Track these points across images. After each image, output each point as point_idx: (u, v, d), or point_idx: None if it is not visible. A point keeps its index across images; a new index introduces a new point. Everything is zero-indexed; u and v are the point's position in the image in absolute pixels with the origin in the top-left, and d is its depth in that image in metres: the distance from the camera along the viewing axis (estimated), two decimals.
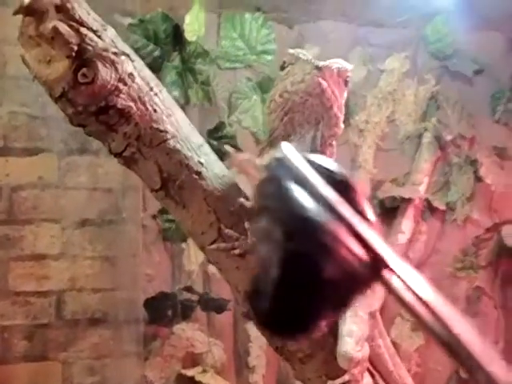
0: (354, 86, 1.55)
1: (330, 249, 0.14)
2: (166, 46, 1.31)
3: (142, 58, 1.31)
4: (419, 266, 1.59)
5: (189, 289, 1.38)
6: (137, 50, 1.29)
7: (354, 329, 0.61)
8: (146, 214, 1.41)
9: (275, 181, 0.17)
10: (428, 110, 1.60)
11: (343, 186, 0.17)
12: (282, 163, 0.17)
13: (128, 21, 1.30)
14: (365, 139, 1.57)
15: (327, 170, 0.18)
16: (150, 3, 1.34)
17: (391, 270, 0.16)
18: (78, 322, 1.38)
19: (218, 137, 1.37)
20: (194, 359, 1.42)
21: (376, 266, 0.14)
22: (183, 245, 1.42)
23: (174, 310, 1.39)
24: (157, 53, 1.31)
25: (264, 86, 1.44)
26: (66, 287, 1.38)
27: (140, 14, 1.33)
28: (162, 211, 1.37)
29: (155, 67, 1.32)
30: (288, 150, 0.18)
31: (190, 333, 1.41)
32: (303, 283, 0.15)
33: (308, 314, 0.15)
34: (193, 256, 1.40)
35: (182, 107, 1.41)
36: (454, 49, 1.60)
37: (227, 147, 1.29)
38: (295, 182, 0.17)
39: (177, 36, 1.31)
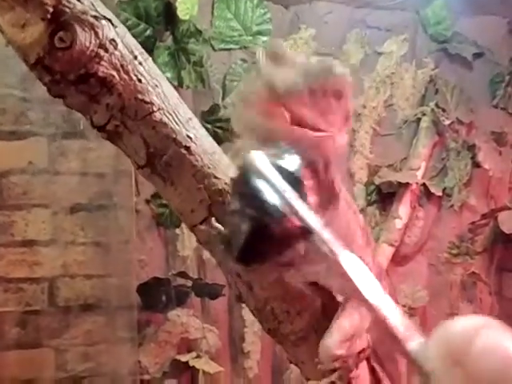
0: (350, 70, 1.52)
1: (279, 218, 0.23)
2: (158, 25, 1.27)
3: (133, 38, 1.29)
4: (416, 251, 1.59)
5: (182, 274, 1.36)
6: (128, 29, 1.24)
7: (346, 325, 0.59)
8: (139, 198, 1.39)
9: (245, 177, 0.25)
10: (426, 95, 1.57)
11: (296, 181, 0.25)
12: (251, 166, 0.25)
13: None
14: (362, 124, 1.54)
15: (286, 170, 0.26)
16: None
17: (316, 234, 0.23)
18: (71, 308, 1.36)
19: (212, 120, 1.34)
20: (188, 345, 1.41)
21: (304, 230, 0.22)
22: (177, 230, 1.40)
23: (168, 296, 1.37)
24: (148, 32, 1.27)
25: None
26: (59, 273, 1.36)
27: None
28: (156, 196, 1.35)
29: (147, 47, 1.26)
30: (256, 156, 0.26)
31: (184, 319, 1.40)
32: (261, 236, 0.24)
33: (264, 253, 0.25)
34: (187, 241, 1.38)
35: (175, 89, 1.39)
36: (454, 32, 1.57)
37: None
38: (259, 178, 0.25)
39: (169, 15, 1.27)
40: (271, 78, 0.51)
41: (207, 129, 1.34)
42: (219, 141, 1.37)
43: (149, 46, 1.28)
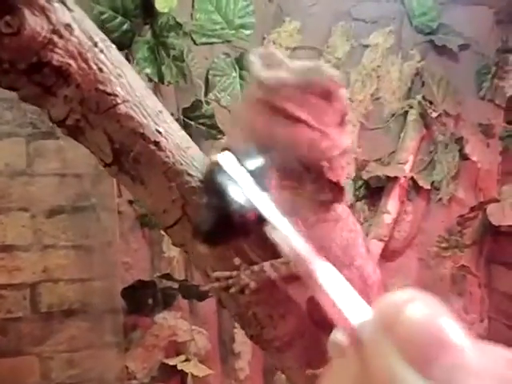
0: (336, 63, 1.49)
1: (238, 209, 0.28)
2: (136, 18, 1.22)
3: (110, 32, 1.24)
4: (405, 246, 1.58)
5: (168, 276, 1.32)
6: (103, 23, 1.20)
7: None
8: (121, 199, 1.34)
9: (213, 173, 0.30)
10: (413, 87, 1.55)
11: (261, 179, 0.29)
12: (219, 163, 0.29)
13: None
14: (348, 118, 1.52)
15: (253, 169, 0.30)
16: None
17: (270, 223, 0.26)
18: (54, 314, 1.32)
19: (194, 116, 1.30)
20: (177, 348, 1.38)
21: (260, 219, 0.26)
22: (162, 231, 1.36)
23: (155, 299, 1.34)
24: (126, 26, 1.22)
25: (243, 62, 1.37)
26: (40, 279, 1.32)
27: None
28: None
29: (125, 42, 1.23)
30: (226, 157, 0.30)
31: (171, 321, 1.37)
32: (224, 225, 0.30)
33: (226, 236, 0.31)
34: (170, 240, 1.35)
35: (156, 85, 1.36)
36: (440, 23, 1.55)
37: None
38: (225, 175, 0.29)
39: (147, 7, 1.22)
40: (260, 75, 0.51)
41: (190, 125, 1.32)
42: (202, 137, 1.35)
43: (127, 41, 1.23)
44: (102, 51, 0.50)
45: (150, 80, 1.26)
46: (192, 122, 1.29)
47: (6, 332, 1.29)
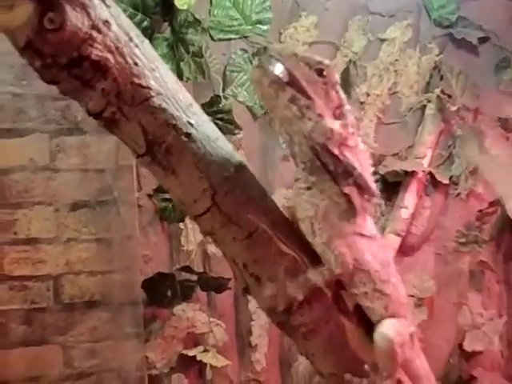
0: (353, 57, 1.49)
1: None
2: (155, 15, 1.24)
3: None
4: (423, 241, 1.57)
5: (187, 268, 1.35)
6: None
7: (399, 327, 0.61)
8: (141, 193, 1.37)
9: None
10: (431, 81, 1.54)
11: None
12: None
13: None
14: (365, 112, 1.51)
15: None
16: None
17: None
18: (76, 305, 1.36)
19: (212, 111, 1.32)
20: (195, 340, 1.41)
21: None
22: (181, 225, 1.39)
23: (174, 291, 1.36)
24: (146, 23, 1.24)
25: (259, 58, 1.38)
26: (63, 271, 1.35)
27: None
28: (158, 190, 1.33)
29: None
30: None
31: (190, 313, 1.39)
32: None
33: None
34: (191, 236, 1.37)
35: None
36: (459, 16, 1.53)
37: None
38: None
39: (166, 5, 1.24)
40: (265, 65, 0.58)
41: None
42: (222, 133, 1.36)
43: (146, 38, 1.25)
44: (137, 46, 0.52)
45: None
46: (210, 117, 1.30)
47: (30, 322, 1.34)
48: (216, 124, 1.32)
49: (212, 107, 1.33)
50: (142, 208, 1.38)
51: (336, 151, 0.58)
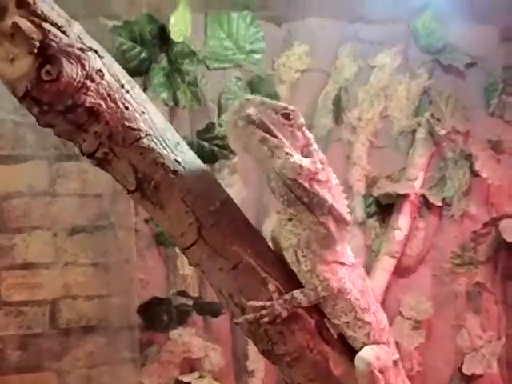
0: (345, 83, 1.54)
1: None
2: (153, 47, 1.29)
3: (129, 61, 1.32)
4: (418, 262, 1.58)
5: (183, 293, 1.35)
6: (123, 53, 1.28)
7: (379, 352, 0.63)
8: (138, 218, 1.39)
9: None
10: (421, 105, 1.58)
11: None
12: None
13: (113, 23, 1.29)
14: (358, 136, 1.55)
15: None
16: (135, 5, 1.33)
17: None
18: (73, 330, 1.35)
19: (208, 138, 1.36)
20: (191, 364, 1.40)
21: None
22: (177, 249, 1.40)
23: (170, 315, 1.37)
24: (143, 55, 1.29)
25: (254, 85, 1.42)
26: (60, 295, 1.36)
27: (125, 16, 1.31)
28: None
29: (142, 69, 1.30)
30: None
31: (186, 338, 1.39)
32: None
33: None
34: (187, 260, 1.38)
35: (171, 109, 1.42)
36: (446, 42, 1.58)
37: None
38: None
39: (163, 37, 1.30)
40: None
41: (203, 146, 1.37)
42: (215, 158, 1.40)
43: (144, 68, 1.30)
44: (127, 91, 0.56)
45: (166, 104, 1.33)
46: (206, 144, 1.34)
47: (26, 348, 1.33)
48: (211, 150, 1.37)
49: (208, 134, 1.36)
50: (139, 232, 1.39)
51: (306, 185, 0.62)
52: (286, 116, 0.63)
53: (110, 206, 1.39)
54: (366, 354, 0.61)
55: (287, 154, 0.61)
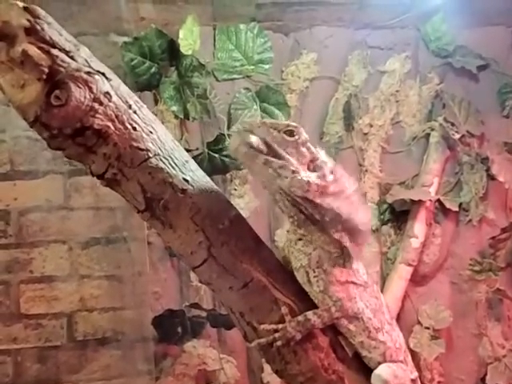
0: (355, 90, 1.53)
1: None
2: (162, 61, 1.32)
3: (139, 75, 1.34)
4: (436, 270, 1.54)
5: (196, 305, 1.35)
6: (133, 68, 1.30)
7: (396, 369, 0.62)
8: (150, 231, 1.40)
9: None
10: (433, 110, 1.56)
11: None
12: None
13: (123, 39, 1.31)
14: (369, 143, 1.53)
15: None
16: (144, 21, 1.36)
17: None
18: (89, 342, 1.37)
19: (218, 149, 1.36)
20: (206, 377, 1.39)
21: None
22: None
23: (184, 328, 1.36)
24: (153, 69, 1.31)
25: (263, 95, 1.43)
26: (77, 308, 1.38)
27: (135, 32, 1.34)
28: None
29: (153, 83, 1.33)
30: None
31: (201, 350, 1.38)
32: None
33: None
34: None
35: (182, 121, 1.43)
36: (457, 45, 1.56)
37: None
38: None
39: (172, 51, 1.32)
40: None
41: (214, 158, 1.38)
42: (226, 168, 1.40)
43: (154, 82, 1.32)
44: (135, 112, 0.57)
45: (176, 117, 1.34)
46: (216, 155, 1.35)
47: (45, 360, 1.35)
48: (222, 160, 1.37)
49: (218, 145, 1.37)
50: (152, 245, 1.40)
51: (318, 200, 0.61)
52: (290, 133, 0.63)
53: (123, 219, 1.40)
54: (383, 371, 0.60)
55: (293, 172, 0.61)
